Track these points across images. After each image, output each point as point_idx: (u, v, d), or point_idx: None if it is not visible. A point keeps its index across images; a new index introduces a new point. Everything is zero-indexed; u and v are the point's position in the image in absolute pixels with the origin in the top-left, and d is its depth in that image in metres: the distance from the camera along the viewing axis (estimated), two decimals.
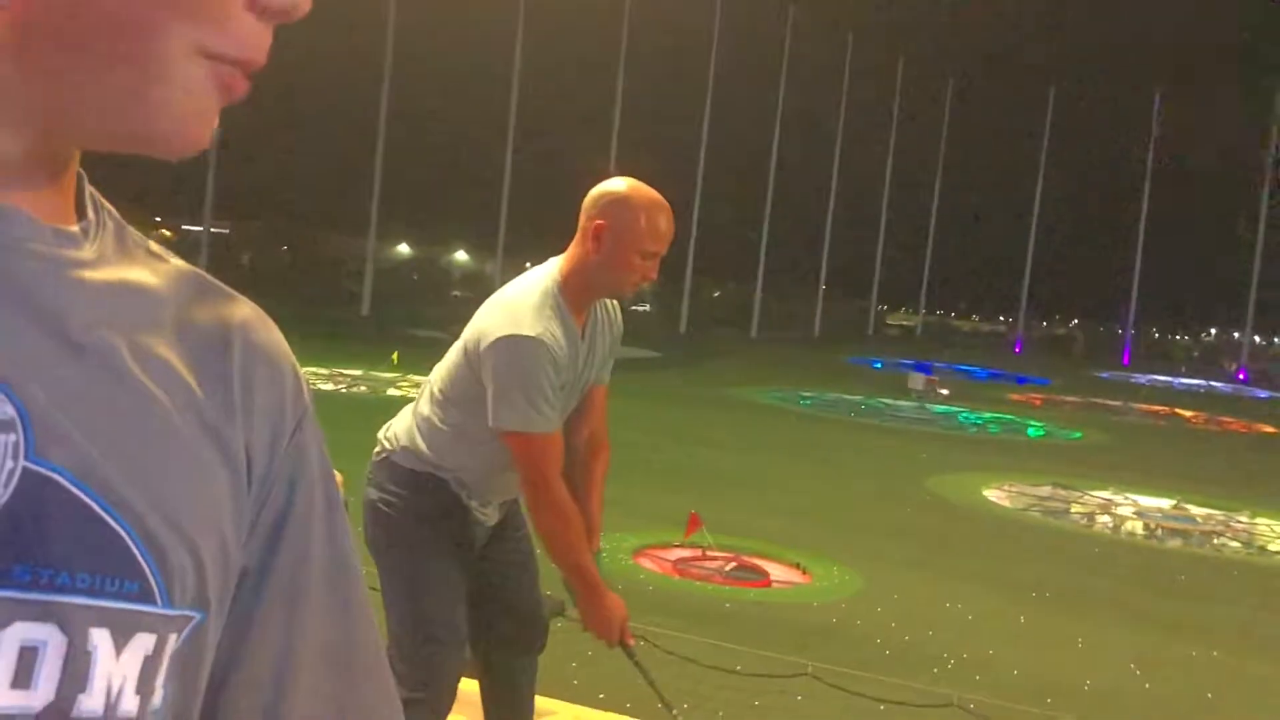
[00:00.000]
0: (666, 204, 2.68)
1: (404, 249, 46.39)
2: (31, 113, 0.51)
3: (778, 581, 6.55)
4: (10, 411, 0.48)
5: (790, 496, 9.16)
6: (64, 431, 0.49)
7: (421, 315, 25.57)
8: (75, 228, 0.54)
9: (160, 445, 0.53)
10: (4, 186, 0.51)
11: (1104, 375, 32.29)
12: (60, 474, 0.49)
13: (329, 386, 14.13)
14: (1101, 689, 5.15)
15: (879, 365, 27.80)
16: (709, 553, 6.70)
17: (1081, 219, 49.35)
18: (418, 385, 2.96)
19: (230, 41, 0.52)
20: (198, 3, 0.51)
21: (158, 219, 43.41)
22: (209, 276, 0.60)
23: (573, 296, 2.65)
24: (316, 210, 40.00)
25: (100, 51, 0.50)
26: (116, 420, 0.52)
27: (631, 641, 2.79)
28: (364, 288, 30.38)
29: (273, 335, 0.62)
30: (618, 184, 2.70)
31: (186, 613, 0.54)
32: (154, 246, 0.59)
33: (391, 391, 13.88)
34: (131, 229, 0.58)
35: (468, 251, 47.64)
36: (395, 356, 16.21)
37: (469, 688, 2.83)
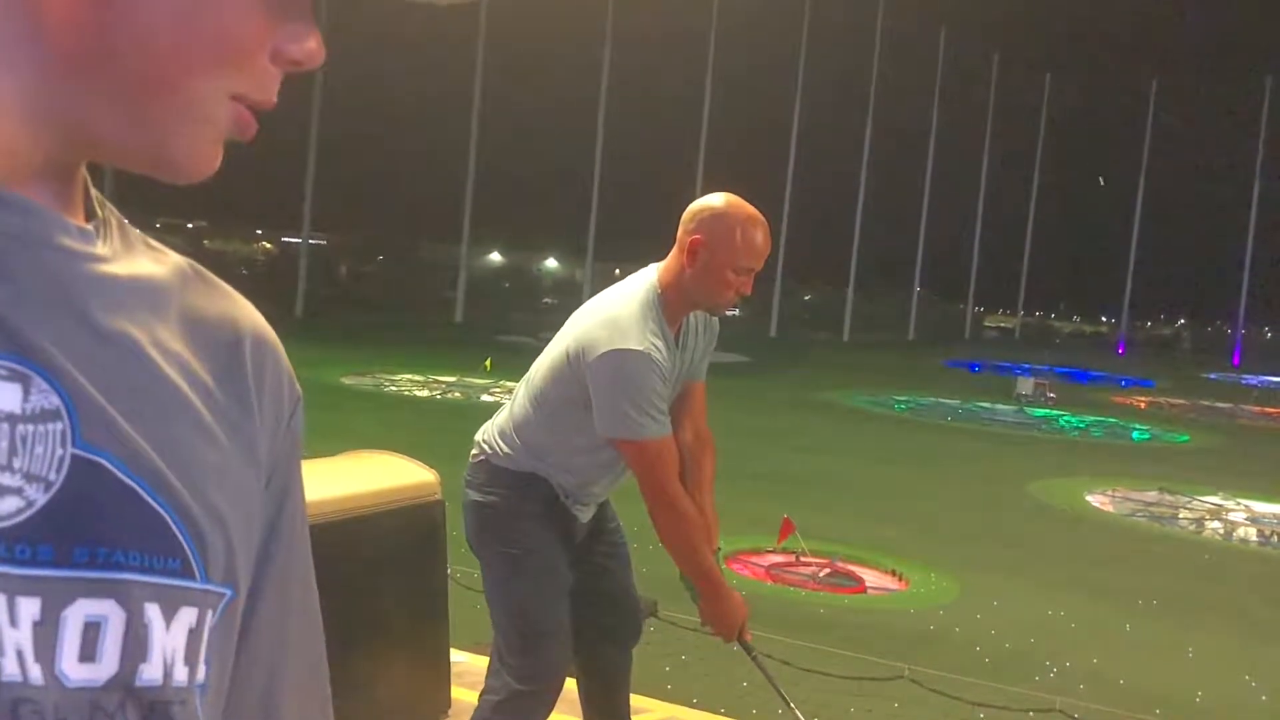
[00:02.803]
0: (763, 219, 2.72)
1: (495, 257, 47.03)
2: (61, 126, 0.54)
3: (873, 588, 6.46)
4: (55, 401, 0.51)
5: (885, 502, 9.03)
6: (104, 417, 0.53)
7: (513, 321, 25.88)
8: (89, 225, 0.57)
9: (188, 430, 0.57)
10: (28, 186, 0.54)
11: (1212, 376, 31.19)
12: (105, 458, 0.52)
13: (424, 393, 14.37)
14: (1214, 701, 4.97)
15: (976, 368, 27.24)
16: (802, 558, 6.64)
17: (1186, 214, 47.69)
18: (510, 391, 3.01)
19: (255, 87, 0.57)
20: (233, 54, 0.55)
21: (259, 231, 44.75)
22: (202, 268, 0.64)
23: (670, 309, 2.72)
24: (411, 221, 40.78)
25: (140, 89, 0.54)
26: (148, 406, 0.55)
27: (750, 638, 2.87)
28: (457, 295, 30.88)
29: (270, 331, 0.66)
30: (715, 199, 2.75)
31: (221, 589, 0.57)
32: (150, 241, 0.62)
33: (485, 397, 14.07)
34: (129, 225, 0.61)
35: (557, 259, 48.09)
36: (488, 364, 16.41)
37: (566, 685, 2.86)
